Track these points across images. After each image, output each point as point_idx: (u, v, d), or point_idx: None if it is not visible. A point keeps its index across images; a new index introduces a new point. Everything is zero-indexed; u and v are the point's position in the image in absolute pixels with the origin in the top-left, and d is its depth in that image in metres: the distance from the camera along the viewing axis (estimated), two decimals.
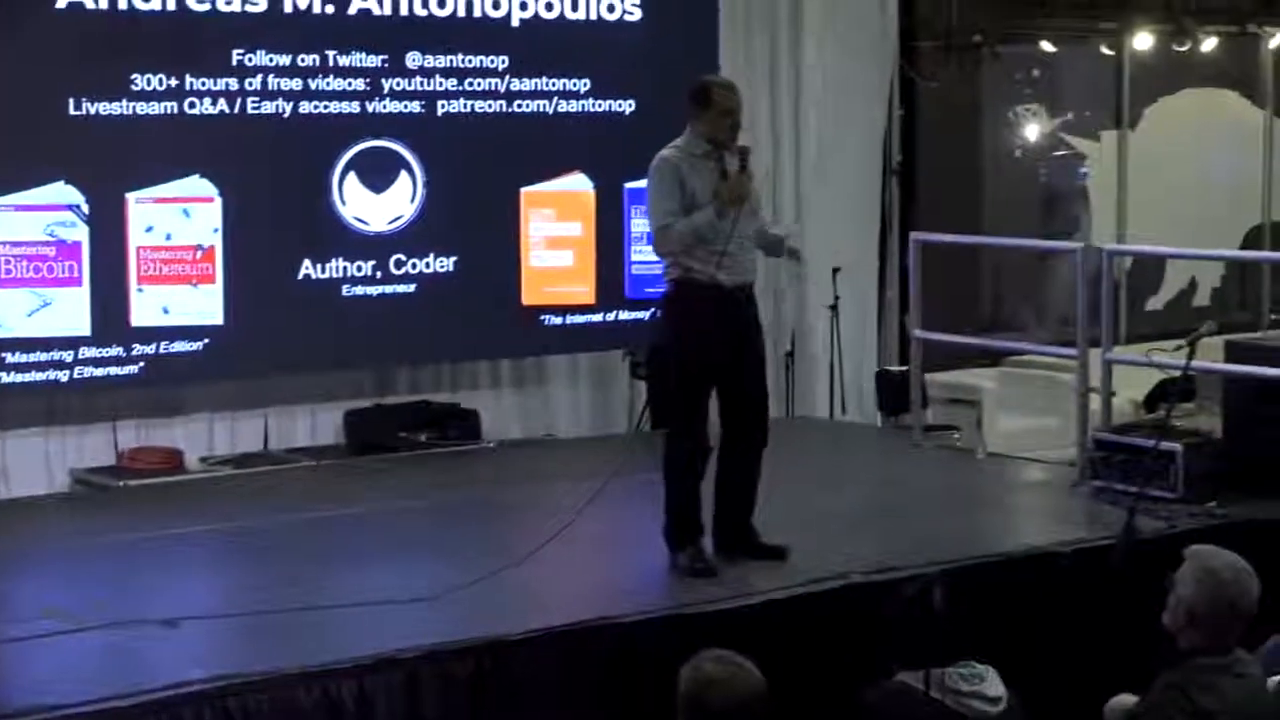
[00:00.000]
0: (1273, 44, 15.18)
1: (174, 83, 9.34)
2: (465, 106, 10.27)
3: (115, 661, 6.13)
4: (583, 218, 10.72)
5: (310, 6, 9.75)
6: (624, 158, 10.09)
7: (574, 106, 10.60)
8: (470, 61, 10.28)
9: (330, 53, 9.80)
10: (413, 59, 10.08)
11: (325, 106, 9.82)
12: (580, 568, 7.66)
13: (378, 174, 10.06)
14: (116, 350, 9.32)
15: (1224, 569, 5.10)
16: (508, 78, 10.39)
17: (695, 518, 7.48)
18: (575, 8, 10.61)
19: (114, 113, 9.19)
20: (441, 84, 10.19)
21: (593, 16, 10.69)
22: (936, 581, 5.42)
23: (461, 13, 10.23)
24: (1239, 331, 12.55)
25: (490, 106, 10.35)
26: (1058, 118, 14.96)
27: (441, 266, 10.28)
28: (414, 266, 10.20)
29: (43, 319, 9.12)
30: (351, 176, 9.98)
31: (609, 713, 6.43)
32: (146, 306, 9.40)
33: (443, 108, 10.20)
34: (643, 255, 10.34)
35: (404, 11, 10.04)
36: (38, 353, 9.11)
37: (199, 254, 9.55)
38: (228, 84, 9.50)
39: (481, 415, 10.69)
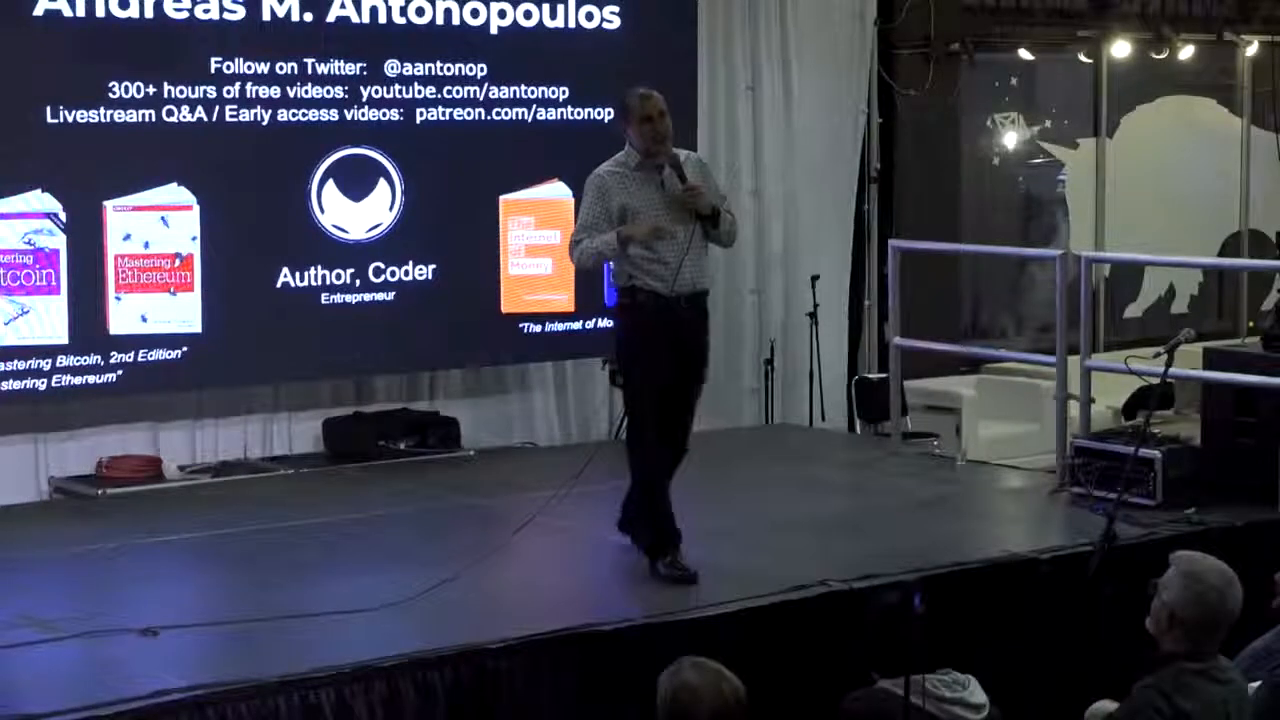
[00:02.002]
0: (1249, 52, 15.22)
1: (152, 90, 9.32)
2: (444, 115, 10.26)
3: (94, 670, 6.12)
4: (562, 226, 10.69)
5: (289, 14, 9.73)
6: None
7: (553, 114, 10.60)
8: (449, 69, 10.27)
9: (309, 60, 9.79)
10: (391, 67, 10.06)
11: (304, 114, 9.80)
12: (559, 575, 7.66)
13: (356, 182, 10.05)
14: (95, 358, 9.29)
15: (1208, 574, 5.11)
16: (486, 86, 10.39)
17: (671, 525, 7.52)
18: (554, 16, 10.61)
19: (92, 120, 9.16)
20: (420, 92, 10.18)
21: (571, 25, 10.68)
22: (916, 588, 5.41)
23: (440, 21, 10.21)
24: (1217, 339, 12.60)
25: (469, 114, 10.34)
26: (1036, 126, 15.00)
27: (420, 275, 10.27)
28: (393, 275, 10.19)
29: (20, 327, 9.08)
30: (330, 185, 9.96)
31: None
32: (125, 315, 9.38)
33: (421, 116, 10.19)
34: None
35: (382, 20, 10.03)
36: (15, 361, 9.08)
37: (177, 262, 9.52)
38: (206, 92, 9.49)
39: (461, 423, 10.67)
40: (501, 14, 10.42)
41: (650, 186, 7.51)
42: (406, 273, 10.23)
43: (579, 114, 10.66)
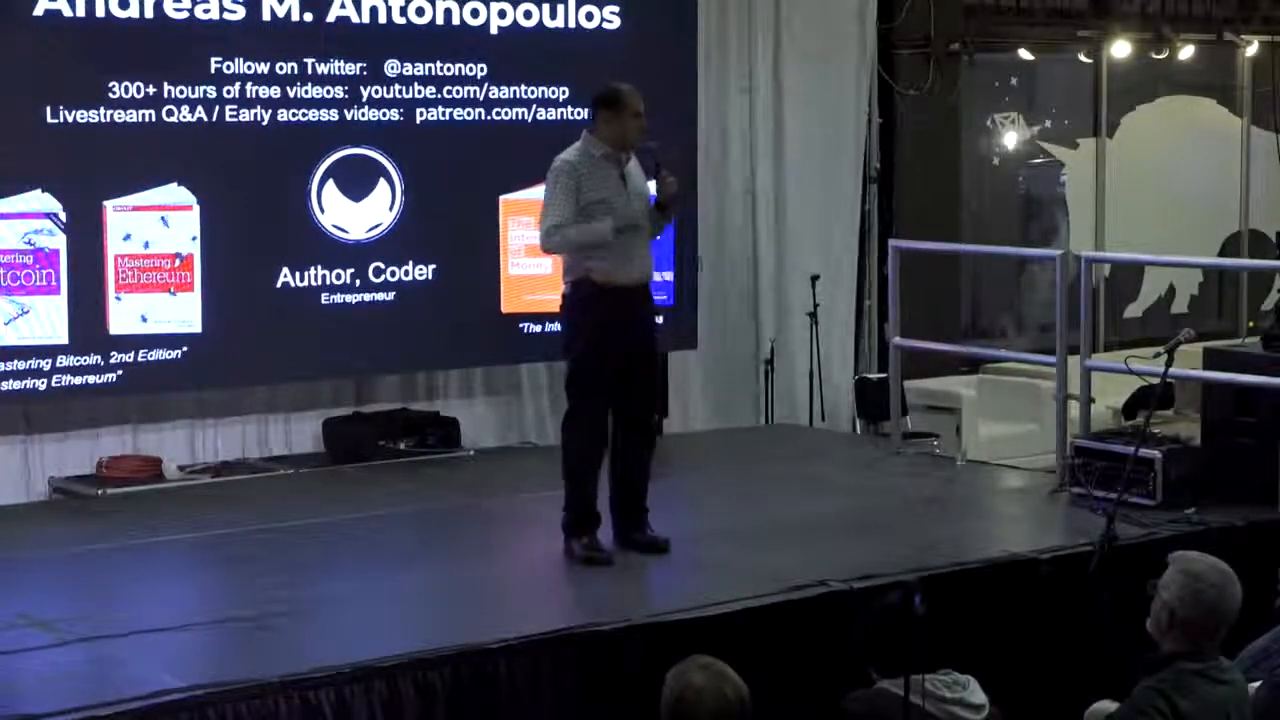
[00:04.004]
0: (1249, 52, 15.22)
1: (152, 90, 9.32)
2: (444, 115, 10.26)
3: (95, 671, 6.11)
4: None
5: (289, 14, 9.73)
6: None
7: (553, 115, 10.59)
8: (449, 69, 10.27)
9: (309, 60, 9.79)
10: (391, 67, 10.06)
11: (304, 114, 9.81)
12: (559, 575, 7.66)
13: (356, 182, 10.05)
14: (94, 359, 9.29)
15: (1208, 573, 5.12)
16: (486, 86, 10.39)
17: (592, 508, 7.72)
18: (554, 16, 10.61)
19: (92, 120, 9.16)
20: (420, 92, 10.18)
21: (571, 25, 10.69)
22: (916, 589, 5.41)
23: (440, 21, 10.22)
24: (1217, 339, 12.59)
25: (469, 114, 10.34)
26: (1036, 126, 15.00)
27: (420, 275, 10.27)
28: (393, 275, 10.19)
29: (20, 327, 9.09)
30: (330, 185, 9.96)
31: None
32: (124, 315, 9.38)
33: (421, 116, 10.19)
34: None
35: (382, 20, 10.03)
36: (15, 361, 9.08)
37: (177, 262, 9.52)
38: (206, 92, 9.49)
39: (461, 423, 10.68)
40: (501, 14, 10.43)
41: (614, 177, 7.70)
42: (406, 273, 10.23)
43: (579, 114, 10.61)
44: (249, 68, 9.61)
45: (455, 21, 10.27)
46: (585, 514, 7.73)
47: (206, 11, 9.48)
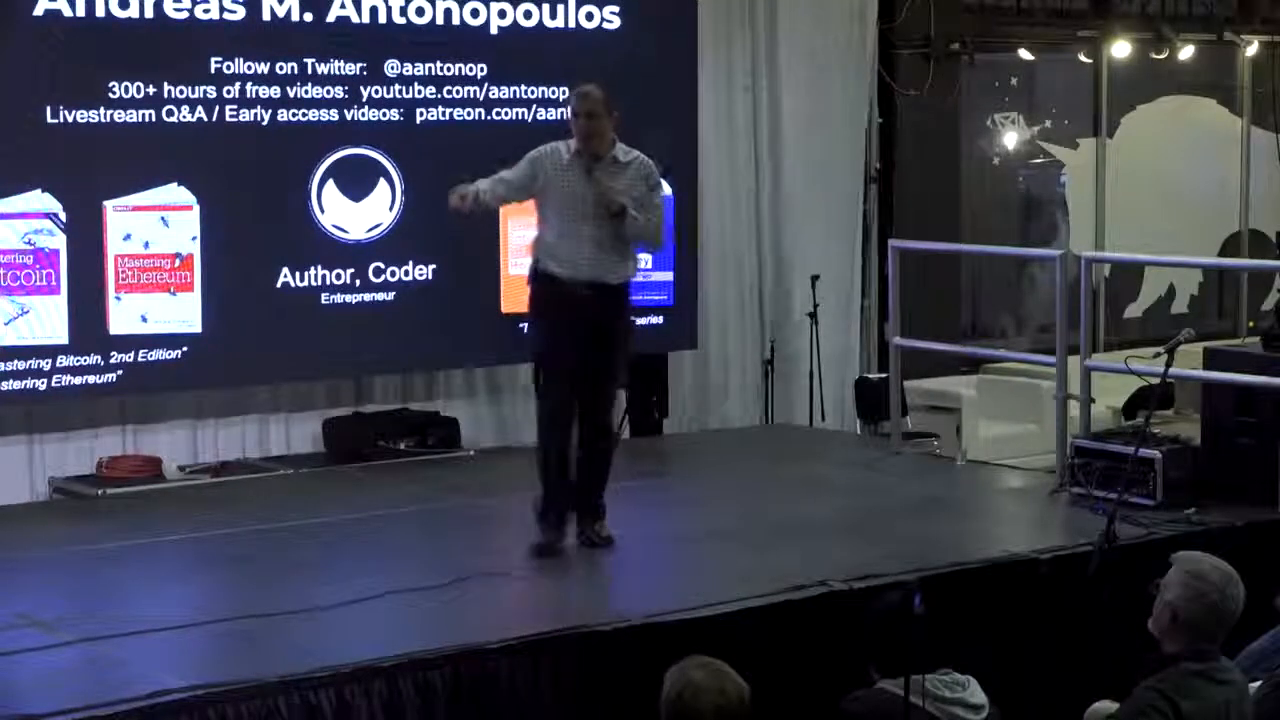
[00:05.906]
0: (1250, 52, 15.22)
1: (152, 90, 9.33)
2: (444, 115, 10.27)
3: (94, 671, 6.11)
4: None
5: (289, 14, 9.73)
6: None
7: (553, 115, 10.58)
8: (449, 70, 10.27)
9: (309, 60, 9.79)
10: (391, 67, 10.07)
11: (304, 114, 9.81)
12: (559, 576, 7.66)
13: (356, 182, 10.05)
14: (95, 359, 9.29)
15: (1210, 574, 5.12)
16: (486, 86, 10.39)
17: (554, 501, 7.87)
18: (554, 16, 10.61)
19: (92, 120, 9.17)
20: (420, 92, 10.19)
21: (571, 25, 10.69)
22: (916, 589, 5.40)
23: (440, 21, 10.22)
24: (1217, 339, 12.60)
25: (469, 114, 10.35)
26: (1036, 126, 15.00)
27: (420, 275, 10.28)
28: (393, 275, 10.20)
29: (20, 327, 9.09)
30: (330, 185, 9.97)
31: None
32: (125, 315, 9.38)
33: (421, 116, 10.20)
34: None
35: (382, 20, 10.03)
36: (15, 361, 9.08)
37: (177, 262, 9.53)
38: (206, 92, 9.49)
39: (461, 423, 10.68)
40: (501, 14, 10.43)
41: (578, 174, 7.82)
42: (406, 273, 10.23)
43: None
44: (249, 68, 9.61)
45: (455, 21, 10.28)
46: (545, 506, 7.87)
47: (206, 11, 9.48)
